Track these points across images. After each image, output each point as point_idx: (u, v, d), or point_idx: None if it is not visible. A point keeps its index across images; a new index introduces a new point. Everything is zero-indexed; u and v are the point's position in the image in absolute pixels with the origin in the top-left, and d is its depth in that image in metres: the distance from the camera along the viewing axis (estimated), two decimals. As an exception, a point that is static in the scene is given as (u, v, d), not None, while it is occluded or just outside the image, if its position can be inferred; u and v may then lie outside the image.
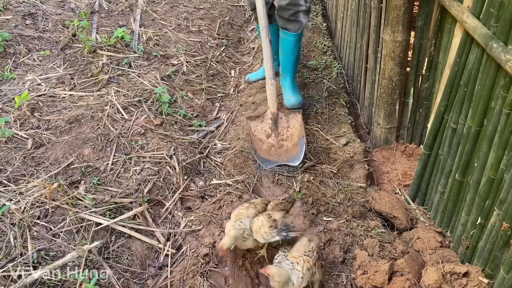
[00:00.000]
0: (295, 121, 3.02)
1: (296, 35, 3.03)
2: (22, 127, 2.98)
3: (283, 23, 3.01)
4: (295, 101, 3.16)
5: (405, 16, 2.72)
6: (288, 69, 3.19)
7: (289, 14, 2.94)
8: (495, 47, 1.94)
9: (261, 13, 2.89)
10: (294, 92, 3.21)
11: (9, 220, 2.30)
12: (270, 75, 2.93)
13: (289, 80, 3.22)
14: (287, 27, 3.01)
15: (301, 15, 2.96)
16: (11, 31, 3.83)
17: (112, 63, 3.69)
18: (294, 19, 2.96)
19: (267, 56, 2.93)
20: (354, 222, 2.61)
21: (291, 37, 3.03)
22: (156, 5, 4.69)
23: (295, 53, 3.12)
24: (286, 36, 3.05)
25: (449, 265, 2.22)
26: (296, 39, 3.05)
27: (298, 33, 3.04)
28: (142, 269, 2.37)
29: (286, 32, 3.03)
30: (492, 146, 2.05)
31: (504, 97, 1.94)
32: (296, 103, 3.15)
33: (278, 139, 2.98)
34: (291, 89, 3.21)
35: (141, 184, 2.69)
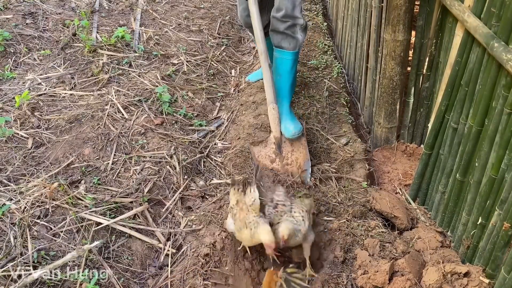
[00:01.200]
0: (299, 144, 2.88)
1: (292, 53, 2.82)
2: (22, 127, 2.98)
3: (278, 40, 2.82)
4: (294, 129, 2.86)
5: (406, 15, 2.72)
6: (285, 94, 2.94)
7: (285, 27, 2.74)
8: (496, 46, 1.93)
9: (259, 37, 2.74)
10: (292, 119, 2.93)
11: (9, 219, 2.30)
12: (271, 100, 2.79)
13: (286, 106, 2.95)
14: (282, 45, 2.81)
15: (298, 30, 2.77)
16: (12, 30, 3.83)
17: (112, 62, 3.68)
18: (291, 34, 2.77)
19: (267, 80, 2.78)
20: (355, 222, 2.60)
21: (288, 56, 2.81)
22: (157, 5, 4.69)
23: (291, 76, 2.90)
24: (282, 55, 2.83)
25: (450, 265, 2.21)
26: (293, 58, 2.83)
27: (295, 51, 2.84)
28: (142, 268, 2.37)
29: (282, 51, 2.82)
30: (493, 146, 2.05)
31: (505, 97, 1.93)
32: (296, 132, 2.86)
33: (283, 164, 2.86)
34: (288, 116, 2.93)
35: (141, 184, 2.69)
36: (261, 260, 2.46)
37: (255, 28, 2.76)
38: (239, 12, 3.19)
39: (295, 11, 2.71)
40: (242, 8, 3.11)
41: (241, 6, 3.12)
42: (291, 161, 2.87)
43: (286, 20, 2.72)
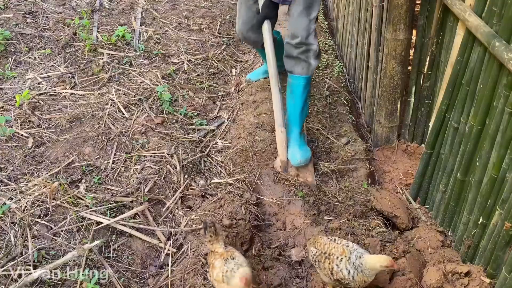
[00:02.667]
0: (306, 170, 2.85)
1: (305, 78, 2.79)
2: (23, 126, 2.98)
3: (291, 65, 2.80)
4: (301, 158, 2.80)
5: (407, 14, 2.71)
6: (295, 118, 2.88)
7: (299, 52, 2.73)
8: (497, 45, 1.93)
9: (270, 61, 2.76)
10: (301, 147, 2.86)
11: (10, 219, 2.30)
12: (280, 123, 2.79)
13: (296, 132, 2.88)
14: (294, 69, 2.79)
15: (311, 56, 2.75)
16: (12, 29, 3.83)
17: (112, 61, 3.68)
18: (304, 59, 2.75)
19: (276, 103, 2.78)
20: (356, 221, 2.60)
21: (300, 80, 2.79)
22: (157, 4, 4.69)
23: (302, 100, 2.84)
24: (294, 80, 2.82)
25: (450, 265, 2.21)
26: (305, 83, 2.80)
27: (307, 76, 2.80)
28: (142, 268, 2.37)
29: (294, 75, 2.81)
30: (494, 145, 2.05)
31: (507, 96, 1.93)
32: (302, 162, 2.80)
33: None
34: (297, 143, 2.86)
35: (141, 183, 2.68)
36: (261, 260, 2.46)
37: (267, 52, 2.78)
38: (239, 25, 3.09)
39: (309, 38, 2.71)
40: (242, 22, 3.03)
41: (241, 19, 3.04)
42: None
43: (300, 46, 2.72)
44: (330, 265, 2.07)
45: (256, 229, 2.57)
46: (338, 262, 2.06)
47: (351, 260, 2.05)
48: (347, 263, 2.04)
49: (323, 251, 2.12)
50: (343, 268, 2.04)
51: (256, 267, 2.43)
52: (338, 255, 2.07)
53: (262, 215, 2.65)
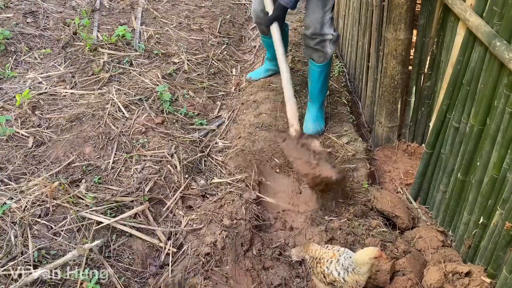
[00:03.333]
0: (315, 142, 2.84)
1: (320, 66, 3.00)
2: (23, 126, 2.98)
3: (309, 53, 3.01)
4: (314, 129, 3.13)
5: (408, 14, 2.71)
6: (314, 97, 3.17)
7: (315, 43, 2.91)
8: (498, 45, 1.93)
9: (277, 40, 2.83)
10: (317, 119, 3.18)
11: (10, 218, 2.30)
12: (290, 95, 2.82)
13: (315, 108, 3.19)
14: (313, 57, 3.00)
15: (327, 45, 2.92)
16: (12, 29, 3.83)
17: (113, 61, 3.68)
18: (320, 49, 2.93)
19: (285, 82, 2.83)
20: (356, 221, 2.60)
21: (316, 67, 3.02)
22: (157, 3, 4.68)
23: (320, 84, 3.09)
24: (312, 66, 3.05)
25: (451, 265, 2.21)
26: (320, 70, 3.02)
27: (324, 63, 3.00)
28: (143, 268, 2.37)
29: (312, 62, 3.03)
30: (495, 145, 2.04)
31: (507, 96, 1.92)
32: (314, 132, 3.12)
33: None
34: (313, 117, 3.18)
35: (142, 183, 2.68)
36: (262, 260, 2.46)
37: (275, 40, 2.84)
38: (254, 5, 3.24)
39: (324, 29, 2.86)
40: (258, 2, 3.15)
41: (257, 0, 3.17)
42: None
43: (315, 37, 2.89)
44: (321, 268, 2.09)
45: (256, 229, 2.57)
46: (328, 264, 2.08)
47: (340, 261, 2.06)
48: (336, 264, 2.06)
49: (315, 256, 2.15)
50: (332, 270, 2.06)
51: (257, 267, 2.43)
52: (328, 258, 2.10)
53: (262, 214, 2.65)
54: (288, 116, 2.84)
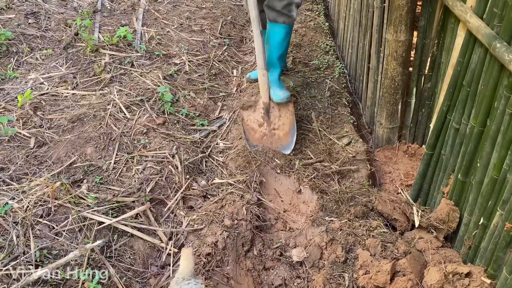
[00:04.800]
0: (287, 111, 3.02)
1: (286, 26, 2.93)
2: (25, 126, 2.99)
3: (273, 16, 2.91)
4: (283, 95, 3.03)
5: (408, 15, 2.72)
6: (275, 63, 3.08)
7: (282, 6, 2.85)
8: (498, 47, 1.93)
9: (251, 2, 2.82)
10: (281, 87, 3.11)
11: (12, 218, 2.31)
12: (262, 66, 2.91)
13: (275, 75, 3.11)
14: (277, 20, 2.90)
15: (293, 8, 2.88)
16: (14, 30, 3.84)
17: (114, 62, 3.69)
18: (286, 13, 2.88)
19: (258, 46, 2.87)
20: (356, 221, 2.60)
21: (281, 28, 2.91)
22: (159, 4, 4.70)
23: (283, 47, 3.02)
24: (275, 28, 2.94)
25: (451, 265, 2.21)
26: (286, 31, 2.94)
27: (289, 25, 2.94)
28: (144, 268, 2.38)
29: (276, 24, 2.92)
30: (495, 146, 2.05)
31: (508, 97, 1.93)
32: (284, 98, 3.02)
33: (270, 128, 3.01)
34: (277, 84, 3.10)
35: (143, 183, 2.69)
36: (262, 260, 2.47)
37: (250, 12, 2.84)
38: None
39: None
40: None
41: None
42: (278, 126, 3.00)
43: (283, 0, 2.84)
44: None
45: (257, 230, 2.58)
46: None
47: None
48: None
49: None
50: None
51: (257, 267, 2.43)
52: None
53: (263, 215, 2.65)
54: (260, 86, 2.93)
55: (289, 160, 2.96)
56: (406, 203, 2.76)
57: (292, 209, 2.77)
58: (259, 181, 2.80)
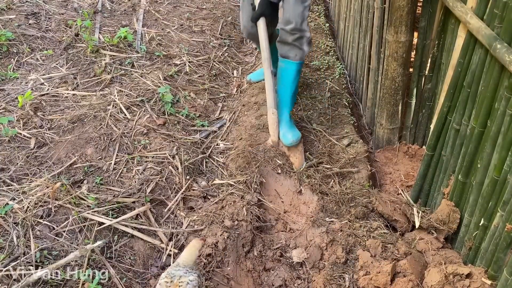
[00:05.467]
0: (296, 150, 2.96)
1: (297, 64, 2.92)
2: (25, 127, 2.99)
3: (285, 50, 2.90)
4: (292, 138, 2.94)
5: (408, 16, 2.72)
6: (286, 102, 3.02)
7: (294, 39, 2.83)
8: (499, 48, 1.94)
9: (263, 45, 2.83)
10: (291, 128, 3.01)
11: (12, 219, 2.31)
12: (272, 105, 2.89)
13: (286, 115, 3.02)
14: (289, 55, 2.89)
15: (304, 43, 2.86)
16: (14, 30, 3.84)
17: (115, 63, 3.69)
18: (298, 46, 2.85)
19: (269, 86, 2.88)
20: (357, 222, 2.61)
21: (293, 66, 2.91)
22: (159, 5, 4.70)
23: (294, 86, 2.98)
24: (287, 65, 2.93)
25: (452, 266, 2.21)
26: (297, 69, 2.94)
27: (300, 62, 2.93)
28: (144, 268, 2.37)
29: (287, 61, 2.91)
30: (496, 147, 2.05)
31: (508, 98, 1.93)
32: (294, 141, 2.94)
33: None
34: (287, 125, 3.00)
35: (143, 184, 2.69)
36: (263, 261, 2.47)
37: (260, 35, 2.85)
38: (243, 22, 3.13)
39: (303, 25, 2.81)
40: (246, 19, 3.06)
41: (245, 16, 3.07)
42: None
43: (294, 33, 2.81)
44: None
45: (257, 230, 2.58)
46: None
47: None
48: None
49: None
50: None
51: (258, 268, 2.43)
52: None
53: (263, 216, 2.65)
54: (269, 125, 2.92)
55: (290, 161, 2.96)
56: (407, 204, 2.76)
57: (293, 210, 2.77)
58: (259, 182, 2.80)
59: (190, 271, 1.97)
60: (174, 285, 1.91)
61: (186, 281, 1.91)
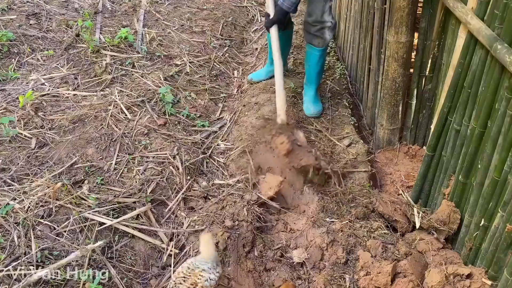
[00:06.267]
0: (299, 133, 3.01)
1: (320, 50, 3.20)
2: (26, 127, 2.99)
3: (309, 38, 3.19)
4: (315, 110, 3.36)
5: (409, 17, 2.72)
6: (312, 80, 3.35)
7: (315, 30, 3.11)
8: (499, 48, 1.94)
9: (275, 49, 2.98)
10: (315, 102, 3.39)
11: (13, 219, 2.31)
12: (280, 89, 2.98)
13: (313, 90, 3.38)
14: (312, 42, 3.17)
15: (326, 32, 3.12)
16: (15, 31, 3.84)
17: (115, 63, 3.70)
18: (319, 35, 3.13)
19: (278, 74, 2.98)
20: (357, 223, 2.61)
21: (316, 51, 3.20)
22: (160, 6, 4.70)
23: (318, 67, 3.28)
24: (311, 50, 3.22)
25: (452, 267, 2.22)
26: (320, 54, 3.22)
27: (323, 48, 3.21)
28: (145, 268, 2.38)
29: (311, 46, 3.20)
30: (496, 148, 2.05)
31: (508, 99, 1.93)
32: (315, 113, 3.36)
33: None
34: (312, 99, 3.38)
35: (144, 184, 2.69)
36: (263, 261, 2.47)
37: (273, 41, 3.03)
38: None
39: (324, 16, 3.07)
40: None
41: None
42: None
43: (315, 25, 3.10)
44: None
45: (258, 231, 2.58)
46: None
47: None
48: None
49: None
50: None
51: (258, 268, 2.43)
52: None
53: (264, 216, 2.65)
54: (277, 107, 2.99)
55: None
56: (407, 204, 2.76)
57: (293, 210, 2.77)
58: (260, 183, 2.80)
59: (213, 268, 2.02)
60: (194, 274, 1.97)
61: (206, 277, 1.97)
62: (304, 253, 2.49)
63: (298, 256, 2.48)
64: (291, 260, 2.48)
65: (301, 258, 2.47)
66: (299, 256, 2.48)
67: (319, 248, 2.49)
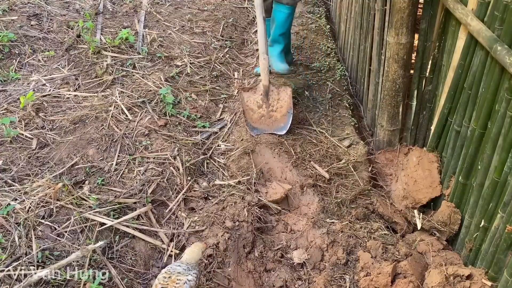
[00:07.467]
0: (285, 94, 3.16)
1: (289, 8, 3.19)
2: (27, 127, 2.99)
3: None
4: (283, 66, 3.34)
5: (409, 18, 2.73)
6: (277, 39, 3.36)
7: None
8: (499, 49, 1.94)
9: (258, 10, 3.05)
10: (282, 60, 3.38)
11: (14, 219, 2.31)
12: (263, 50, 3.12)
13: (277, 50, 3.38)
14: (281, 0, 3.16)
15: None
16: (16, 31, 3.85)
17: (116, 64, 3.70)
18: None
19: (260, 32, 3.09)
20: (358, 224, 2.61)
21: (284, 9, 3.19)
22: (160, 7, 4.71)
23: (284, 28, 3.30)
24: (279, 8, 3.22)
25: (452, 268, 2.22)
26: (288, 12, 3.21)
27: (292, 7, 3.20)
28: (145, 269, 2.38)
29: (280, 4, 3.19)
30: (496, 149, 2.06)
31: (508, 100, 1.94)
32: (285, 69, 3.34)
33: (268, 110, 3.18)
34: (279, 58, 3.38)
35: (145, 185, 2.70)
36: (263, 262, 2.47)
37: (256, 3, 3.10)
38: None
39: None
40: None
41: None
42: (276, 108, 3.17)
43: None
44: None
45: (258, 231, 2.58)
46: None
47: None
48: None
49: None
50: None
51: (258, 269, 2.44)
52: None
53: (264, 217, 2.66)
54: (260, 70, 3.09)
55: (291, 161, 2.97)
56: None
57: (294, 211, 2.77)
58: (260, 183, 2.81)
59: (190, 269, 1.98)
60: (171, 281, 1.93)
61: (184, 280, 1.92)
62: (305, 253, 2.50)
63: (299, 257, 2.48)
64: (291, 261, 2.48)
65: (301, 259, 2.47)
66: (299, 257, 2.48)
67: (319, 248, 2.49)
